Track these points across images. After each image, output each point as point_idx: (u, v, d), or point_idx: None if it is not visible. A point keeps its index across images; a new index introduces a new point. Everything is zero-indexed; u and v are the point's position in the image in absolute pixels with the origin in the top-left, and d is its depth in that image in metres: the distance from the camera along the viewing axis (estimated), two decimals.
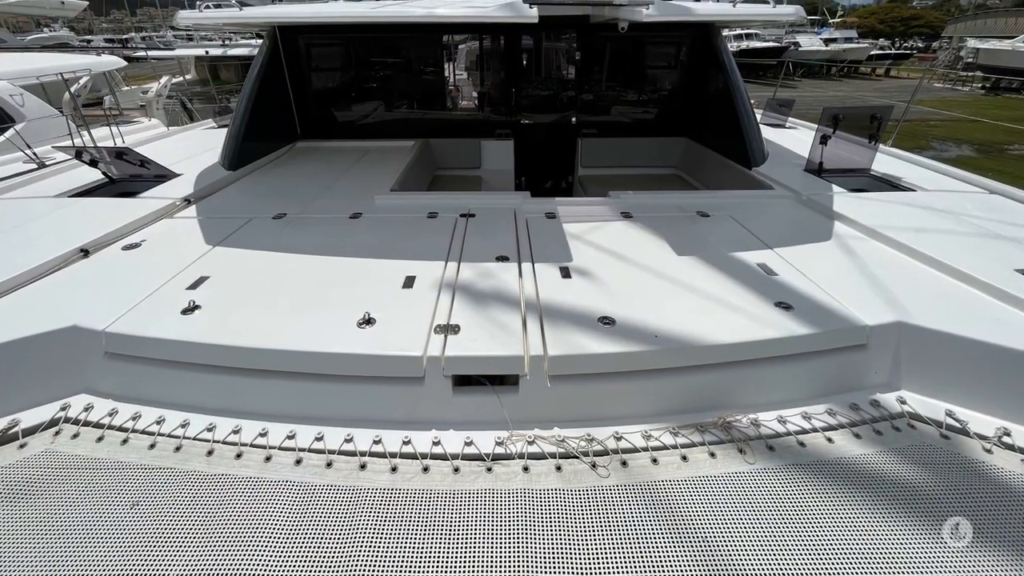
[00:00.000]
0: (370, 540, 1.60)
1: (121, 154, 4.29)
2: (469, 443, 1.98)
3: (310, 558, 1.55)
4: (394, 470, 1.87)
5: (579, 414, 2.12)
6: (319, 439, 1.99)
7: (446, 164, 6.04)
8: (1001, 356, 2.12)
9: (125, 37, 45.61)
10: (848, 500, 1.73)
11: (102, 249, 3.01)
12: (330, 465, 1.89)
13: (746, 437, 2.00)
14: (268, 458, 1.92)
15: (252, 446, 1.97)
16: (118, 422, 2.09)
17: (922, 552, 1.56)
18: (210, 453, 1.94)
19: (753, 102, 5.12)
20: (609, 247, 3.00)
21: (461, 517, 1.68)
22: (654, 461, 1.90)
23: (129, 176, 4.31)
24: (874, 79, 43.95)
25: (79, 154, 4.31)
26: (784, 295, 2.45)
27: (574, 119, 6.15)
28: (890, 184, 4.19)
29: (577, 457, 1.91)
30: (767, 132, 5.65)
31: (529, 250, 2.95)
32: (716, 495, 1.76)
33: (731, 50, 5.28)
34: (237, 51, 20.56)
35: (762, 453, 1.93)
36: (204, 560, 1.54)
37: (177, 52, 22.57)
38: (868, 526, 1.64)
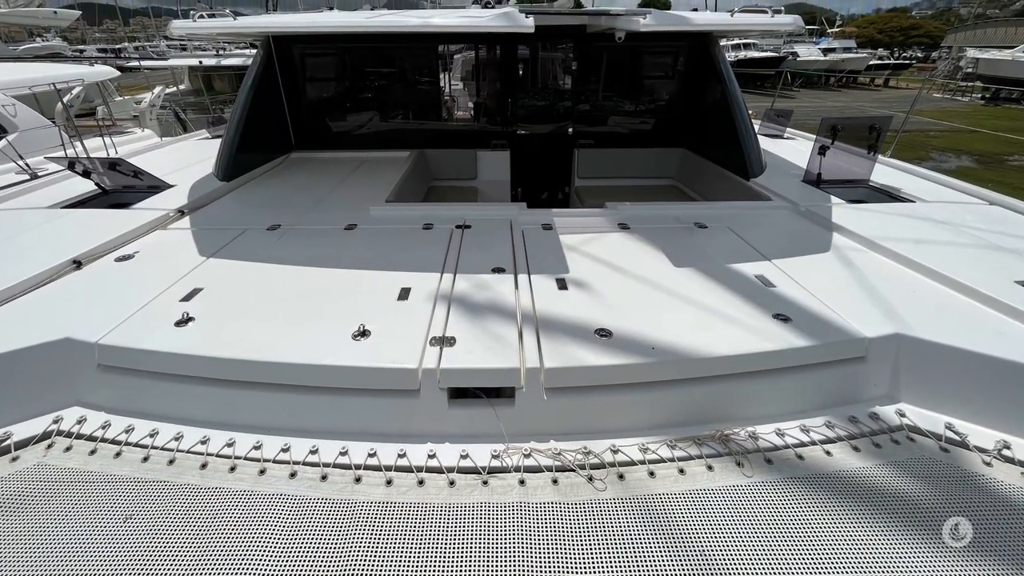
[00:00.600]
0: (365, 553, 1.60)
1: (114, 165, 4.30)
2: (465, 456, 1.98)
3: (305, 572, 1.55)
4: (389, 483, 1.87)
5: (576, 427, 2.12)
6: (313, 452, 1.99)
7: (442, 175, 6.06)
8: (1001, 368, 2.13)
9: (118, 47, 45.76)
10: (847, 514, 1.73)
11: (95, 260, 3.02)
12: (325, 478, 1.89)
13: (744, 450, 2.00)
14: (262, 471, 1.92)
15: (246, 459, 1.97)
16: (111, 435, 2.09)
17: (922, 566, 1.56)
18: (204, 466, 1.94)
19: (751, 112, 5.16)
20: (606, 258, 3.01)
21: (457, 531, 1.68)
22: (651, 474, 1.90)
23: (122, 187, 4.32)
24: (873, 89, 44.26)
25: (72, 165, 4.32)
26: (782, 307, 2.46)
27: (570, 129, 6.17)
28: (889, 195, 4.21)
29: (574, 470, 1.91)
30: (765, 143, 5.68)
31: (525, 262, 2.96)
32: (714, 508, 1.76)
33: (729, 60, 5.32)
34: (231, 61, 20.59)
35: (760, 466, 1.93)
36: (198, 574, 1.54)
37: (170, 62, 22.61)
38: (867, 540, 1.64)
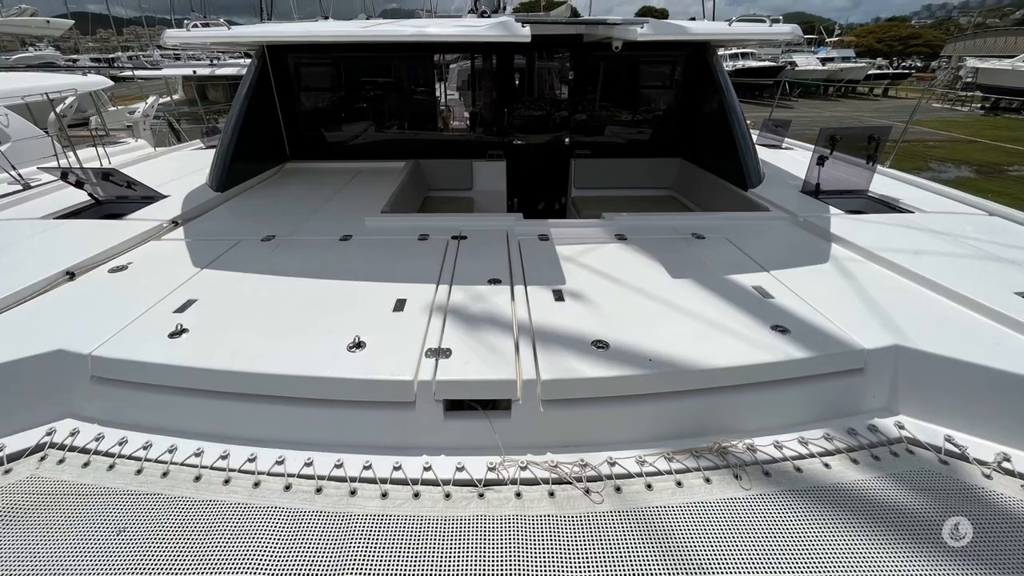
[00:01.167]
0: (360, 567, 1.60)
1: (107, 175, 4.32)
2: (461, 468, 1.98)
3: None
4: (385, 496, 1.87)
5: (572, 439, 2.13)
6: (308, 464, 1.99)
7: (437, 185, 6.08)
8: (1001, 380, 2.13)
9: (111, 56, 45.85)
10: (846, 526, 1.74)
11: (88, 272, 3.03)
12: (320, 491, 1.89)
13: (742, 463, 2.00)
14: (257, 484, 1.92)
15: (240, 472, 1.98)
16: (104, 447, 2.09)
17: None
18: (198, 479, 1.94)
19: (749, 122, 5.18)
20: (603, 270, 3.02)
21: (453, 543, 1.68)
22: (648, 487, 1.90)
23: (115, 197, 4.34)
24: (872, 99, 44.46)
25: (65, 175, 4.33)
26: (780, 318, 2.47)
27: (567, 139, 6.20)
28: (888, 206, 4.24)
29: (570, 483, 1.92)
30: (763, 153, 5.72)
31: (522, 273, 2.97)
32: (711, 521, 1.76)
33: (727, 69, 5.35)
34: (225, 70, 20.63)
35: (758, 479, 1.94)
36: None
37: (164, 71, 22.62)
38: (867, 552, 1.65)
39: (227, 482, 1.93)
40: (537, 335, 2.33)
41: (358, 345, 2.23)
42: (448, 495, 1.88)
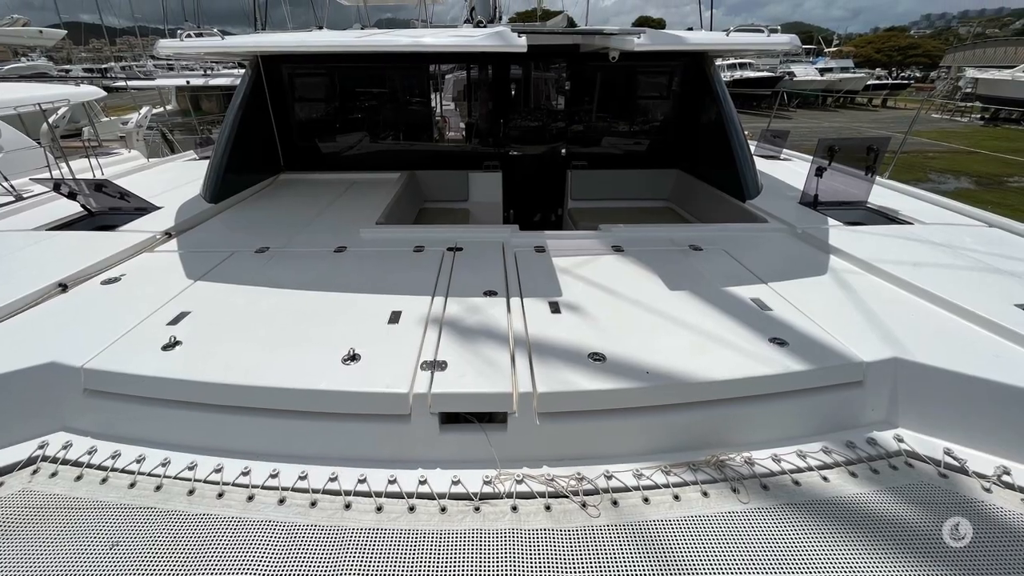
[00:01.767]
0: None
1: (100, 186, 4.33)
2: (456, 482, 1.98)
3: None
4: (379, 510, 1.87)
5: (569, 452, 2.13)
6: (303, 478, 1.99)
7: (433, 197, 6.10)
8: (1001, 393, 2.14)
9: (104, 67, 45.96)
10: (844, 540, 1.74)
11: (81, 283, 3.03)
12: (314, 504, 1.89)
13: (740, 476, 2.01)
14: (251, 497, 1.92)
15: (234, 485, 1.97)
16: (97, 460, 2.09)
17: None
18: (191, 492, 1.94)
19: (747, 133, 5.21)
20: (600, 281, 3.03)
21: (448, 558, 1.68)
22: (645, 500, 1.91)
23: (108, 209, 4.35)
24: (871, 109, 44.78)
25: (57, 186, 4.34)
26: (779, 331, 2.48)
27: (564, 150, 6.22)
28: (887, 217, 4.26)
29: (567, 496, 1.92)
30: (761, 164, 5.74)
31: (518, 284, 2.98)
32: (709, 535, 1.76)
33: (724, 80, 5.38)
34: (219, 81, 20.72)
35: (756, 492, 1.94)
36: None
37: (157, 82, 22.70)
38: (865, 567, 1.65)
39: (221, 496, 1.93)
40: (533, 347, 2.34)
41: (353, 357, 2.24)
42: (444, 509, 1.88)
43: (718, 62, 5.92)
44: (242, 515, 1.84)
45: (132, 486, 1.97)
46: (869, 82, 49.85)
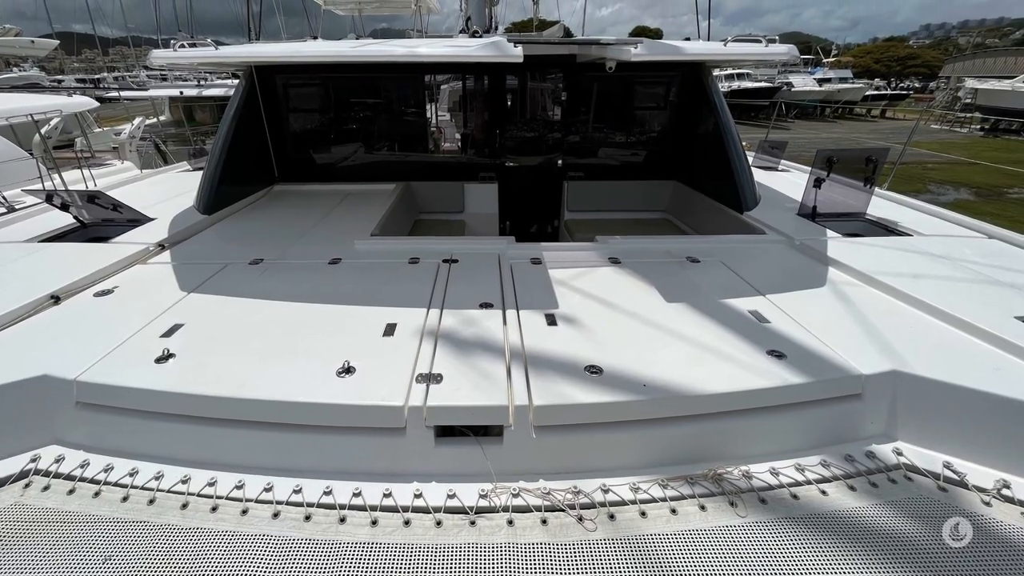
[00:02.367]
0: None
1: (93, 198, 4.33)
2: (452, 496, 1.99)
3: None
4: (374, 523, 1.87)
5: (565, 466, 2.13)
6: (297, 491, 1.99)
7: (428, 208, 6.11)
8: (1000, 406, 2.14)
9: (97, 77, 46.05)
10: (843, 554, 1.74)
11: (73, 296, 3.04)
12: (308, 518, 1.89)
13: (737, 490, 2.01)
14: (244, 511, 1.92)
15: (228, 499, 1.97)
16: (90, 474, 2.09)
17: None
18: (185, 506, 1.94)
19: (745, 144, 5.22)
20: (596, 294, 3.04)
21: (444, 572, 1.68)
22: (642, 514, 1.91)
23: (101, 220, 4.36)
24: (869, 120, 44.92)
25: (50, 198, 4.35)
26: (777, 343, 2.49)
27: (560, 161, 6.24)
28: (886, 229, 4.28)
29: (563, 510, 1.92)
30: (759, 175, 5.76)
31: (514, 297, 2.99)
32: (706, 549, 1.77)
33: (722, 90, 5.40)
34: (212, 91, 20.78)
35: (754, 506, 1.94)
36: None
37: (151, 92, 22.78)
38: None
39: (214, 509, 1.93)
40: (529, 360, 2.34)
41: (347, 370, 2.24)
42: (439, 522, 1.88)
43: (716, 72, 5.94)
44: (236, 529, 1.84)
45: (125, 500, 1.97)
46: (868, 92, 50.11)
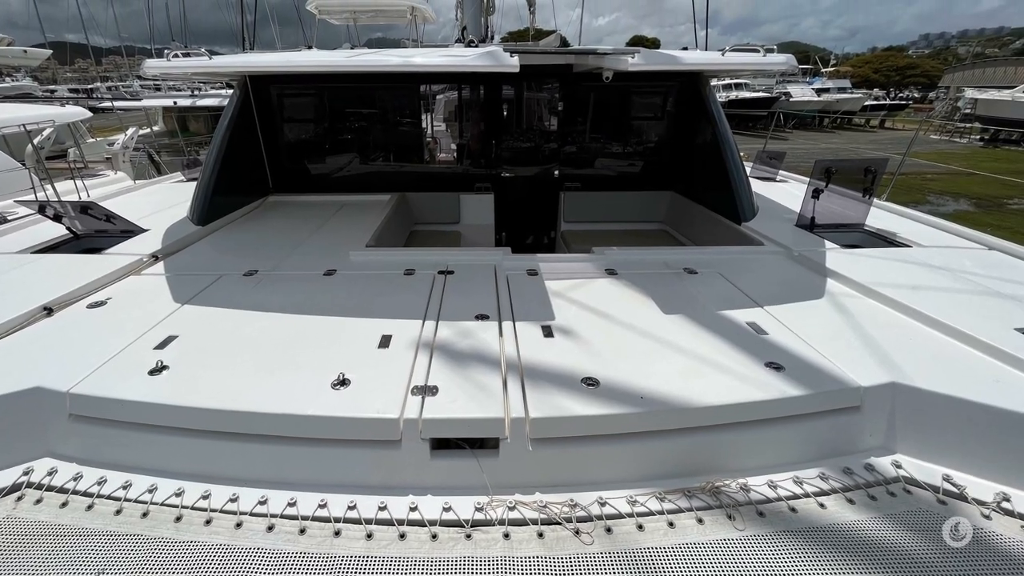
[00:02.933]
0: None
1: (86, 208, 4.34)
2: (448, 509, 1.99)
3: None
4: (370, 537, 1.87)
5: (562, 479, 2.14)
6: (292, 504, 2.00)
7: (424, 219, 6.11)
8: (1000, 418, 2.15)
9: (90, 87, 46.17)
10: (842, 568, 1.75)
11: (66, 307, 3.04)
12: (303, 531, 1.89)
13: (735, 502, 2.01)
14: (239, 524, 1.92)
15: (222, 512, 1.98)
16: (83, 487, 2.09)
17: None
18: (178, 519, 1.94)
19: (743, 154, 5.24)
20: (593, 305, 3.05)
21: None
22: (640, 527, 1.91)
23: (94, 231, 4.36)
24: (868, 130, 45.12)
25: (42, 208, 4.35)
26: (775, 355, 2.50)
27: (556, 172, 6.26)
28: (885, 240, 4.29)
29: (560, 523, 1.93)
30: (757, 186, 5.80)
31: (510, 308, 3.00)
32: (704, 562, 1.77)
33: (720, 100, 5.43)
34: (207, 101, 20.86)
35: (752, 519, 1.95)
36: None
37: (144, 102, 22.85)
38: None
39: (208, 523, 1.93)
40: (526, 372, 2.35)
41: (342, 382, 2.25)
42: (435, 536, 1.88)
43: (713, 82, 5.98)
44: (230, 542, 1.84)
45: (118, 513, 1.97)
46: (867, 102, 50.33)
